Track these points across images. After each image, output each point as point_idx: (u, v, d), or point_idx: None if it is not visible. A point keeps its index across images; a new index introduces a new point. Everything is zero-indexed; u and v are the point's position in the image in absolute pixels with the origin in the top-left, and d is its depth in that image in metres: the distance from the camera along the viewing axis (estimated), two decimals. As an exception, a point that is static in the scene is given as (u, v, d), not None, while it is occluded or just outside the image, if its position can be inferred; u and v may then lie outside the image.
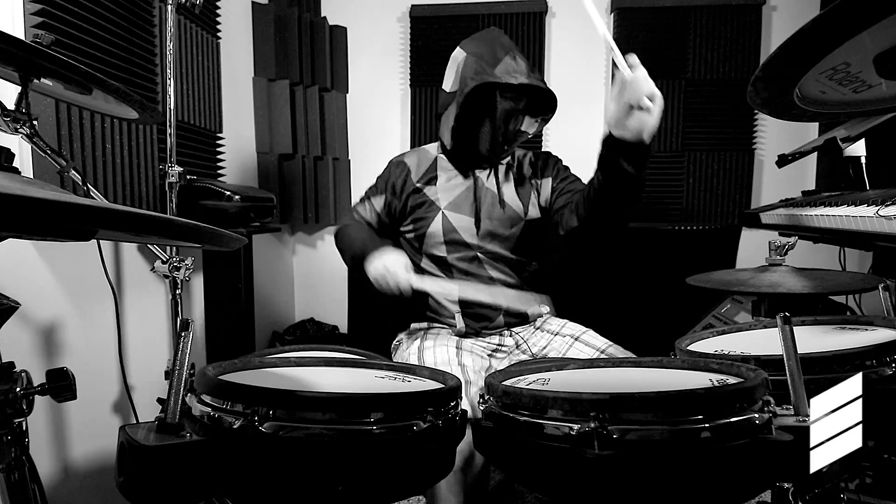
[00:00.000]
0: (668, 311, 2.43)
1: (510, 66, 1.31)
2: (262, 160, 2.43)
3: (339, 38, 2.65)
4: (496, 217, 1.40)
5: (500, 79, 1.30)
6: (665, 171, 2.56)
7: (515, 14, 2.56)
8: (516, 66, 1.32)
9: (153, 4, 1.61)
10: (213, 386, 0.72)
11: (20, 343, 1.21)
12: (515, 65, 1.32)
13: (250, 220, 1.74)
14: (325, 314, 2.78)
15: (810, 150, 1.74)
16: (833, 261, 2.03)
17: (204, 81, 1.93)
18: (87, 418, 1.38)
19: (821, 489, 0.79)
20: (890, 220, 1.07)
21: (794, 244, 1.29)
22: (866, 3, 0.54)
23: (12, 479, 0.71)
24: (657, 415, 0.65)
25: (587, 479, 0.67)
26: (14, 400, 0.71)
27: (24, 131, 0.82)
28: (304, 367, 0.96)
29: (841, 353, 0.82)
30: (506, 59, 1.32)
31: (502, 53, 1.33)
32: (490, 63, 1.32)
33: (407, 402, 0.72)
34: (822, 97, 0.80)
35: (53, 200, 0.46)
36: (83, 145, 1.35)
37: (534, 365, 0.96)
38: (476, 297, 1.33)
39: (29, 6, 1.20)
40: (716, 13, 2.48)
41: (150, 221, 0.56)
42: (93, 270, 1.32)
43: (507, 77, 1.30)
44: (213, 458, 0.67)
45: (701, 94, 2.51)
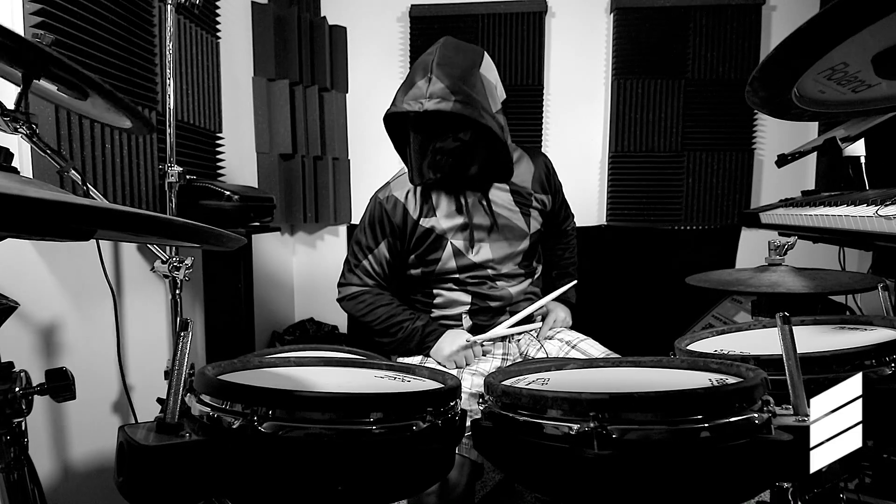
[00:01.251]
0: (668, 311, 2.44)
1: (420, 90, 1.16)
2: (261, 160, 2.43)
3: (339, 38, 2.65)
4: (500, 238, 1.36)
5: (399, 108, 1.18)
6: (665, 171, 2.57)
7: (515, 14, 2.56)
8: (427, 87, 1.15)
9: (153, 4, 1.61)
10: (213, 386, 0.72)
11: (20, 343, 1.21)
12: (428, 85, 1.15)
13: (250, 220, 1.74)
14: (324, 314, 2.78)
15: (810, 149, 1.74)
16: (832, 261, 2.03)
17: (204, 81, 1.93)
18: (87, 418, 1.38)
19: (820, 489, 0.79)
20: (889, 219, 1.07)
21: (793, 244, 1.29)
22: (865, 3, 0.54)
23: (12, 479, 0.71)
24: (657, 415, 0.65)
25: (587, 479, 0.67)
26: (13, 400, 0.71)
27: (23, 131, 0.82)
28: (303, 367, 0.96)
29: (840, 352, 0.82)
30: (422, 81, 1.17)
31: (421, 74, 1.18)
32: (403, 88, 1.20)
33: (406, 402, 0.72)
34: (821, 97, 0.80)
35: (53, 200, 0.46)
36: (82, 145, 1.34)
37: (533, 365, 0.97)
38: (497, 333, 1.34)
39: (28, 6, 1.20)
40: (716, 13, 2.48)
41: (150, 221, 0.56)
42: (92, 270, 1.32)
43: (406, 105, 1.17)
44: (213, 458, 0.67)
45: (701, 94, 2.52)
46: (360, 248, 1.37)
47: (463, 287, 1.38)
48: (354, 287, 1.37)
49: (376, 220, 1.34)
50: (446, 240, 1.34)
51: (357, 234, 1.38)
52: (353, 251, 1.38)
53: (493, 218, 1.35)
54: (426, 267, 1.37)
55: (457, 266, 1.35)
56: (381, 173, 2.74)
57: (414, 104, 1.16)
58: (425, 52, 1.24)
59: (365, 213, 1.38)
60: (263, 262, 2.47)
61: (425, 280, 1.40)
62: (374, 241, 1.35)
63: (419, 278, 1.41)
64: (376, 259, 1.36)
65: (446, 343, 1.30)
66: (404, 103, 1.17)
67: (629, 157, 2.57)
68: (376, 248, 1.35)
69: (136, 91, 1.54)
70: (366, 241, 1.36)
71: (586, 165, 2.65)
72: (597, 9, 2.57)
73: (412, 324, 1.33)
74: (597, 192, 2.67)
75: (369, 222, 1.36)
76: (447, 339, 1.31)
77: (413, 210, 1.33)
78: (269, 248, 2.54)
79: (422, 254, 1.36)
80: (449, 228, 1.33)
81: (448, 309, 1.40)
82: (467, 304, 1.38)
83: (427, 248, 1.35)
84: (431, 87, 1.15)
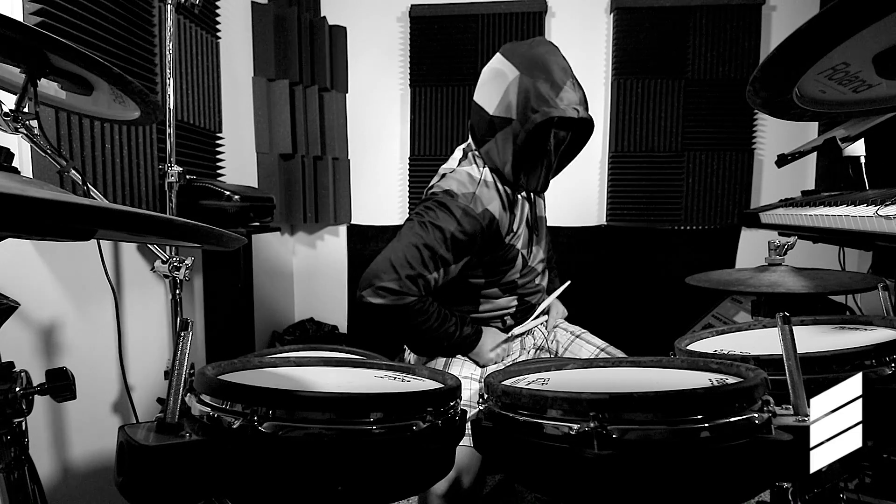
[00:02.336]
0: (668, 311, 2.44)
1: (570, 96, 1.15)
2: (261, 160, 2.43)
3: (339, 38, 2.65)
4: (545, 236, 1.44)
5: (564, 112, 1.14)
6: (665, 171, 2.57)
7: (515, 14, 2.56)
8: (575, 94, 1.16)
9: (153, 4, 1.61)
10: (213, 386, 0.72)
11: (20, 343, 1.21)
12: (574, 94, 1.16)
13: (250, 219, 1.74)
14: (324, 314, 2.78)
15: (810, 149, 1.74)
16: (832, 261, 2.03)
17: (204, 81, 1.93)
18: (87, 418, 1.38)
19: (820, 489, 0.79)
20: (889, 219, 1.07)
21: (793, 244, 1.29)
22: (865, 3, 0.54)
23: (12, 479, 0.71)
24: (657, 414, 0.65)
25: (587, 479, 0.67)
26: (14, 400, 0.71)
27: (24, 131, 0.82)
28: (303, 367, 0.96)
29: (840, 352, 0.82)
30: (566, 87, 1.15)
31: (563, 79, 1.15)
32: (552, 91, 1.14)
33: (406, 402, 0.72)
34: (821, 97, 0.80)
35: (53, 200, 0.46)
36: (83, 145, 1.35)
37: (533, 365, 0.97)
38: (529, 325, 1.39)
39: (28, 6, 1.20)
40: (716, 13, 2.48)
41: (150, 221, 0.56)
42: (93, 270, 1.32)
43: (570, 110, 1.14)
44: (213, 458, 0.67)
45: (701, 94, 2.52)
46: (432, 258, 1.16)
47: (513, 291, 1.36)
48: (411, 298, 1.15)
49: (468, 235, 1.17)
50: (518, 251, 1.31)
51: (431, 240, 1.15)
52: (421, 257, 1.15)
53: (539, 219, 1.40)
54: (491, 277, 1.30)
55: (520, 274, 1.35)
56: (380, 173, 2.76)
57: (570, 110, 1.14)
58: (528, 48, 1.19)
59: (449, 221, 1.16)
60: (263, 263, 2.47)
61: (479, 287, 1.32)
62: (454, 257, 1.18)
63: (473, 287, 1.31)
64: (446, 275, 1.20)
65: (487, 344, 1.29)
66: (567, 109, 1.14)
67: (629, 156, 2.57)
68: (454, 264, 1.19)
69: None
70: (444, 254, 1.16)
71: (586, 165, 2.65)
72: (597, 9, 2.57)
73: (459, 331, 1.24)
74: (597, 191, 2.67)
75: (457, 234, 1.16)
76: (487, 339, 1.30)
77: (504, 228, 1.25)
78: (269, 248, 2.54)
79: (494, 266, 1.29)
80: (519, 240, 1.31)
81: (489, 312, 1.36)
82: (512, 308, 1.38)
83: (502, 261, 1.29)
84: (579, 94, 1.17)
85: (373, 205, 2.77)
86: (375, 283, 1.14)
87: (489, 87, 1.23)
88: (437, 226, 1.16)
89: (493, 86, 1.21)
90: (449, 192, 1.21)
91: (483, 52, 2.59)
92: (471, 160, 1.29)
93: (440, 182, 1.26)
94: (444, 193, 1.21)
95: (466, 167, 1.27)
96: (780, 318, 0.71)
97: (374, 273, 1.15)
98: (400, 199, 2.76)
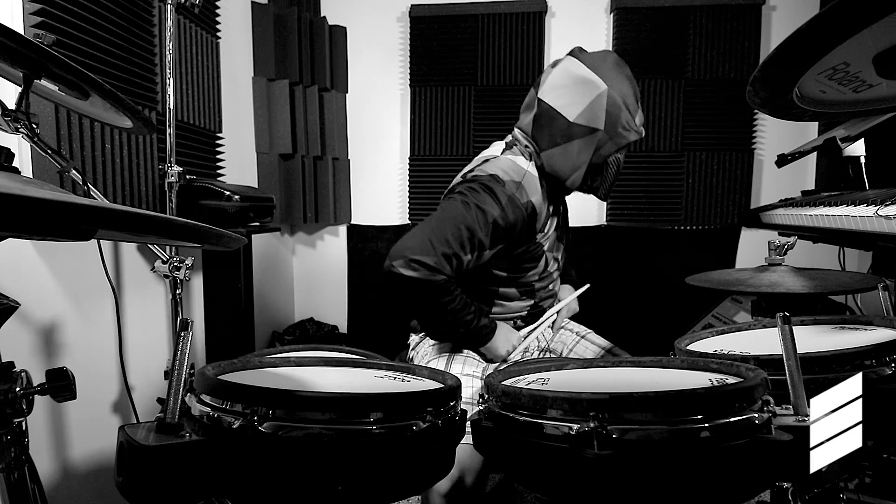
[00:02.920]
0: (668, 311, 2.44)
1: (641, 117, 1.25)
2: (261, 160, 2.43)
3: (339, 38, 2.65)
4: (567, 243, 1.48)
5: (641, 134, 1.25)
6: (665, 171, 2.57)
7: (515, 14, 2.56)
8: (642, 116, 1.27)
9: (153, 4, 1.61)
10: (213, 386, 0.72)
11: (20, 343, 1.21)
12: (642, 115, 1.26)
13: (250, 219, 1.74)
14: (324, 314, 2.78)
15: (810, 149, 1.74)
16: (832, 260, 2.03)
17: (204, 81, 1.93)
18: (87, 418, 1.38)
19: (820, 489, 0.79)
20: (889, 219, 1.07)
21: (793, 244, 1.29)
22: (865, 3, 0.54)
23: (12, 479, 0.71)
24: (657, 414, 0.65)
25: (587, 479, 0.67)
26: (14, 400, 0.71)
27: (24, 131, 0.82)
28: (303, 367, 0.96)
29: (840, 352, 0.82)
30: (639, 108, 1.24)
31: (636, 103, 1.23)
32: (632, 113, 1.22)
33: (406, 402, 0.72)
34: (821, 97, 0.80)
35: (53, 200, 0.46)
36: (83, 145, 1.34)
37: (533, 365, 0.97)
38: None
39: (28, 6, 1.20)
40: (716, 13, 2.48)
41: (150, 221, 0.56)
42: (93, 270, 1.32)
43: (642, 130, 1.26)
44: (213, 458, 0.67)
45: (701, 94, 2.52)
46: (470, 240, 1.15)
47: (531, 295, 1.37)
48: (442, 277, 1.13)
49: (508, 224, 1.18)
50: (544, 252, 1.34)
51: (472, 221, 1.15)
52: (459, 237, 1.14)
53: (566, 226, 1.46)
54: (514, 273, 1.31)
55: (539, 277, 1.36)
56: (380, 173, 2.76)
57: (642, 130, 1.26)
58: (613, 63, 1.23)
59: (494, 206, 1.17)
60: (263, 262, 2.47)
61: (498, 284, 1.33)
62: (490, 243, 1.18)
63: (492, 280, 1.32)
64: (479, 259, 1.20)
65: (501, 340, 1.29)
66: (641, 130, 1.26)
67: (629, 156, 2.57)
68: (488, 250, 1.19)
69: (136, 91, 1.54)
70: (482, 237, 1.16)
71: (586, 165, 2.65)
72: (597, 9, 2.58)
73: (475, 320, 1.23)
74: (597, 192, 2.67)
75: (499, 220, 1.17)
76: (501, 335, 1.30)
77: (539, 223, 1.27)
78: (269, 248, 2.54)
79: (519, 262, 1.30)
80: (548, 241, 1.35)
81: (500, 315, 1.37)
82: (524, 312, 1.39)
83: (529, 257, 1.30)
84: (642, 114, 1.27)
85: (373, 205, 2.77)
86: (409, 256, 1.11)
87: (570, 94, 1.21)
88: (481, 208, 1.16)
89: (576, 93, 1.20)
90: (495, 177, 1.20)
91: (483, 52, 2.59)
92: (516, 152, 1.28)
93: (483, 166, 1.25)
94: (491, 178, 1.20)
95: (511, 156, 1.27)
96: (780, 318, 0.71)
97: (409, 246, 1.12)
98: (400, 199, 2.76)
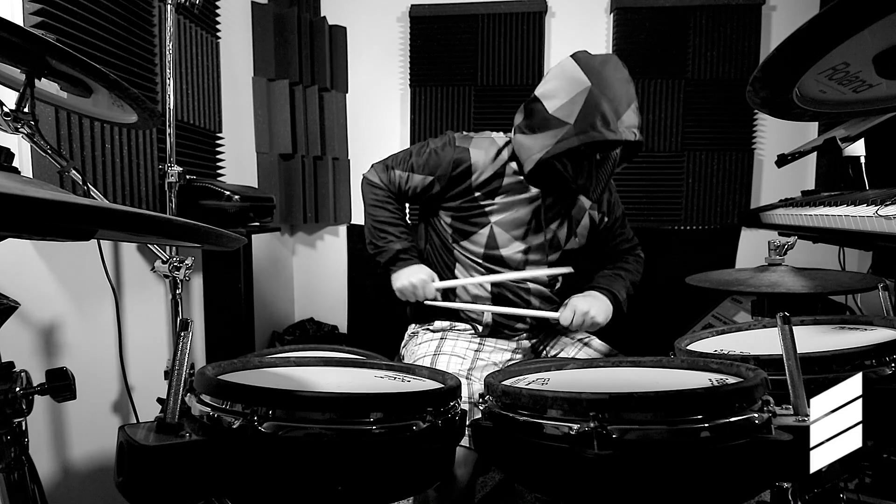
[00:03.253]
0: (668, 311, 2.44)
1: (631, 120, 1.20)
2: (261, 160, 2.43)
3: (339, 38, 2.65)
4: (540, 246, 1.38)
5: (621, 136, 1.18)
6: (665, 171, 2.56)
7: (515, 14, 2.56)
8: (635, 118, 1.20)
9: (153, 4, 1.61)
10: (213, 386, 0.72)
11: (20, 343, 1.21)
12: (635, 117, 1.20)
13: (250, 220, 1.74)
14: (324, 314, 2.78)
15: (810, 149, 1.74)
16: (832, 260, 2.03)
17: (204, 81, 1.93)
18: (87, 418, 1.38)
19: (820, 489, 0.79)
20: (889, 219, 1.07)
21: (793, 244, 1.29)
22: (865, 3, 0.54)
23: (12, 479, 0.71)
24: (656, 414, 0.65)
25: (587, 479, 0.67)
26: (14, 400, 0.71)
27: (24, 131, 0.82)
28: (303, 367, 0.96)
29: (840, 352, 0.82)
30: (629, 111, 1.19)
31: (625, 105, 1.19)
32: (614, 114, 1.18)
33: (406, 402, 0.72)
34: (821, 97, 0.80)
35: (53, 200, 0.46)
36: (83, 145, 1.34)
37: (533, 365, 0.97)
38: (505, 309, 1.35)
39: (28, 6, 1.20)
40: (716, 13, 2.48)
41: (150, 221, 0.56)
42: (93, 270, 1.32)
43: (627, 133, 1.19)
44: (213, 458, 0.67)
45: (701, 94, 2.51)
46: (404, 160, 1.39)
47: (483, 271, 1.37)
48: (379, 180, 1.41)
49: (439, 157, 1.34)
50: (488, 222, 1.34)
51: (415, 148, 1.39)
52: (400, 156, 1.40)
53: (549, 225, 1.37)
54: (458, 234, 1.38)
55: (483, 252, 1.35)
56: (381, 173, 2.76)
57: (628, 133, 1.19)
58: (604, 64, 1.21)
59: (436, 141, 1.38)
60: (263, 263, 2.47)
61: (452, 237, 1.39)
62: (419, 167, 1.36)
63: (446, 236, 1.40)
64: (409, 181, 1.38)
65: (404, 274, 1.35)
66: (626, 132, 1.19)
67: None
68: (417, 174, 1.37)
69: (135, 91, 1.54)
70: (415, 160, 1.37)
71: (586, 165, 2.65)
72: (597, 9, 2.57)
73: (396, 243, 1.37)
74: (597, 192, 2.66)
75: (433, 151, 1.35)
76: (409, 270, 1.35)
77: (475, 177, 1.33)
78: (269, 248, 2.54)
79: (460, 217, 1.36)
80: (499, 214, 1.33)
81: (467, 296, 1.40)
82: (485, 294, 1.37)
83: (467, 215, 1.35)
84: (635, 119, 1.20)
85: (373, 205, 2.76)
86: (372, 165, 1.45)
87: (556, 88, 1.24)
88: (426, 142, 1.40)
89: (561, 88, 1.23)
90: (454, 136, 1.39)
91: (483, 52, 2.59)
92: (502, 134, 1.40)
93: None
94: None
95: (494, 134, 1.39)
96: (780, 318, 0.71)
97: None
98: (400, 199, 2.76)
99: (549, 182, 1.31)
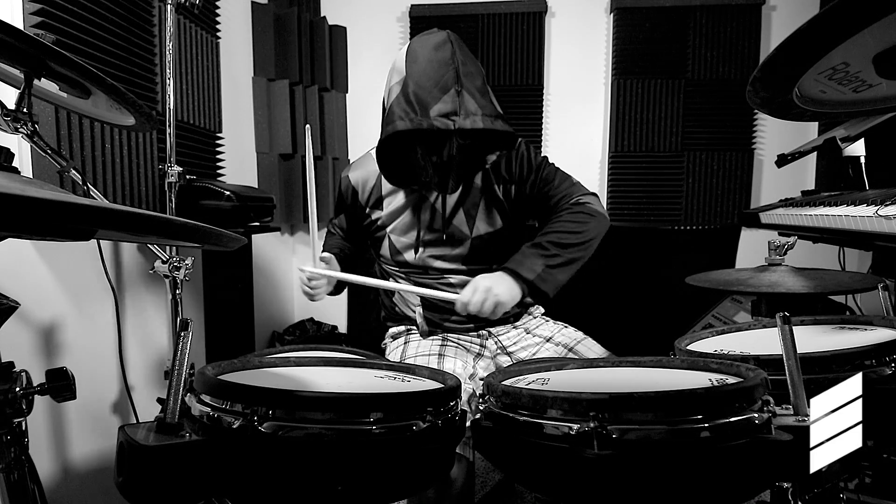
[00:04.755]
0: (668, 311, 2.44)
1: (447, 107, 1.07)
2: (261, 160, 2.43)
3: (339, 38, 2.65)
4: (437, 240, 1.31)
5: (423, 126, 1.08)
6: (665, 171, 2.56)
7: (515, 14, 2.56)
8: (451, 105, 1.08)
9: (153, 4, 1.61)
10: (213, 386, 0.72)
11: (20, 343, 1.21)
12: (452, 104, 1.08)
13: (250, 219, 1.74)
14: (324, 314, 2.78)
15: (810, 149, 1.74)
16: (832, 260, 2.03)
17: (203, 81, 1.93)
18: (87, 418, 1.38)
19: (820, 489, 0.79)
20: (889, 219, 1.07)
21: (793, 244, 1.29)
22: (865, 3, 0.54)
23: (12, 479, 0.71)
24: (657, 415, 0.65)
25: (587, 479, 0.67)
26: (14, 400, 0.71)
27: (24, 131, 0.82)
28: (303, 367, 0.96)
29: (840, 352, 0.82)
30: (446, 97, 1.08)
31: (438, 92, 1.08)
32: (419, 104, 1.09)
33: (406, 402, 0.72)
34: (821, 97, 0.80)
35: (53, 200, 0.46)
36: (83, 145, 1.34)
37: (533, 365, 0.97)
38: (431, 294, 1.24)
39: (28, 6, 1.20)
40: (716, 13, 2.48)
41: (150, 221, 0.56)
42: (93, 270, 1.32)
43: (438, 122, 1.08)
44: (213, 458, 0.67)
45: (701, 94, 2.51)
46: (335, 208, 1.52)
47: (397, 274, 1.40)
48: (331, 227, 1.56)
49: (339, 193, 1.43)
50: (385, 234, 1.36)
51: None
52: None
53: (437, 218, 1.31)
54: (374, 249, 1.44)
55: (392, 260, 1.38)
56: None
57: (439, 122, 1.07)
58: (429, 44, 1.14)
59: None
60: (263, 262, 2.47)
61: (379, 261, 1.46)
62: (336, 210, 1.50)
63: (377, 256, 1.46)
64: (341, 223, 1.51)
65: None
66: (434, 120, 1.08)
67: (629, 156, 2.57)
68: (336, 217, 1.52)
69: (136, 91, 1.54)
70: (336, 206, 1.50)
71: (586, 165, 2.65)
72: (597, 9, 2.57)
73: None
74: (597, 191, 2.65)
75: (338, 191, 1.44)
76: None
77: (362, 196, 1.37)
78: (269, 248, 2.54)
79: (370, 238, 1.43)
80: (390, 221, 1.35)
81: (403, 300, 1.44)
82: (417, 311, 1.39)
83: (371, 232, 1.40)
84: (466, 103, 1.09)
85: (373, 205, 2.77)
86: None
87: (391, 79, 1.19)
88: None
89: (394, 79, 1.18)
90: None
91: (482, 52, 2.59)
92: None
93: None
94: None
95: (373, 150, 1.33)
96: (780, 318, 0.71)
97: None
98: (400, 199, 2.76)
99: (407, 178, 1.27)
